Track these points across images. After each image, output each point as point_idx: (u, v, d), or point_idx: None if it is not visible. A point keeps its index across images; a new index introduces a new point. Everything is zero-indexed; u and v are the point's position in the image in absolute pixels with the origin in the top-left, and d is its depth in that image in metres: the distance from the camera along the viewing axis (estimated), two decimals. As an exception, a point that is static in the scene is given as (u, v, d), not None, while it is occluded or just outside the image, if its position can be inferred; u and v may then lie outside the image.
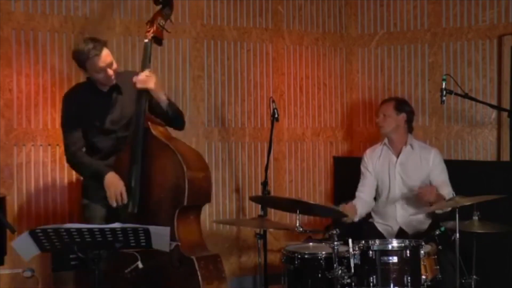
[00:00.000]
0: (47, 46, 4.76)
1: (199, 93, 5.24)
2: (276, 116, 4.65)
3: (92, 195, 4.05)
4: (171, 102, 4.04)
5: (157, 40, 4.09)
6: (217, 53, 5.32)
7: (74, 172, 4.82)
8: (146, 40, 4.05)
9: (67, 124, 4.08)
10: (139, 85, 3.92)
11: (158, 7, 4.13)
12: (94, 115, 4.04)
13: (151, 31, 4.05)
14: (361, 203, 4.67)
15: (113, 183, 3.90)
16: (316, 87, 5.69)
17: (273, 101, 4.67)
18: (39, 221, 4.71)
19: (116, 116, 4.06)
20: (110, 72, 3.94)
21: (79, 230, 3.02)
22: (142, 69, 4.01)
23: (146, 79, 3.92)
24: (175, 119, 4.08)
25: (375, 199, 4.77)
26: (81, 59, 3.90)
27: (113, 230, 3.04)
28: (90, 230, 3.02)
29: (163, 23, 4.08)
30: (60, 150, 4.78)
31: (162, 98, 3.98)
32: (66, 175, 4.81)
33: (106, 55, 3.90)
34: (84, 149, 4.09)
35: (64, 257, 4.56)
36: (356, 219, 4.58)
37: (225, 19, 5.35)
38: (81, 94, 4.09)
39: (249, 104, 5.44)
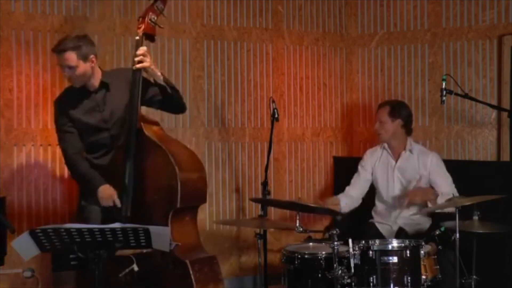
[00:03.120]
0: (47, 46, 4.76)
1: (199, 93, 5.24)
2: (276, 116, 4.65)
3: (89, 197, 4.04)
4: (166, 78, 4.01)
5: (149, 36, 4.03)
6: (217, 53, 5.32)
7: (74, 172, 4.84)
8: (137, 37, 4.01)
9: (61, 129, 4.09)
10: (137, 65, 3.89)
11: (151, 1, 4.06)
12: (85, 115, 4.05)
13: (142, 27, 4.00)
14: (348, 198, 4.68)
15: (106, 194, 3.89)
16: (316, 87, 5.69)
17: (273, 101, 4.67)
18: (39, 221, 4.71)
19: (106, 114, 4.05)
20: (66, 74, 3.98)
21: (79, 230, 3.02)
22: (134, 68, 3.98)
23: (143, 58, 3.89)
24: (174, 97, 4.04)
25: (373, 200, 4.78)
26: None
27: (113, 230, 3.04)
28: (90, 230, 3.02)
29: (155, 18, 4.01)
30: (59, 149, 4.77)
31: (157, 74, 3.96)
32: (66, 175, 4.80)
33: (65, 59, 3.92)
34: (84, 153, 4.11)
35: (64, 257, 4.57)
36: (343, 210, 4.60)
37: (225, 19, 5.35)
38: (70, 96, 4.10)
39: (249, 104, 5.44)
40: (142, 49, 3.93)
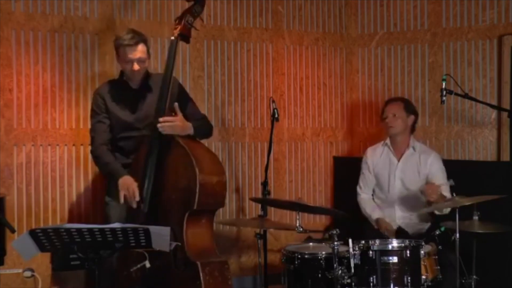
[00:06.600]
0: (47, 46, 4.76)
1: (199, 93, 5.24)
2: (276, 116, 4.65)
3: (114, 194, 4.06)
4: (197, 129, 4.05)
5: (184, 37, 4.10)
6: (217, 53, 5.32)
7: (74, 172, 4.83)
8: (172, 37, 4.08)
9: (95, 116, 4.16)
10: (165, 132, 3.92)
11: (189, 4, 4.13)
12: (121, 110, 4.12)
13: (178, 28, 4.07)
14: (371, 203, 4.72)
15: (126, 184, 3.92)
16: (316, 87, 5.69)
17: (273, 101, 4.67)
18: (39, 221, 4.71)
19: (142, 114, 4.12)
20: (136, 67, 4.02)
21: (79, 230, 3.02)
22: (166, 69, 4.03)
23: (170, 128, 3.92)
24: (202, 138, 4.17)
25: (373, 199, 4.78)
26: (116, 44, 4.05)
27: (113, 230, 3.04)
28: (90, 230, 3.02)
29: (192, 20, 4.09)
30: (60, 149, 4.78)
31: (187, 132, 4.00)
32: (66, 175, 4.81)
33: (138, 50, 3.99)
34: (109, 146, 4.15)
35: (64, 257, 4.59)
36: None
37: (225, 19, 5.35)
38: (111, 89, 4.18)
39: (249, 104, 5.44)
40: (167, 120, 3.94)
